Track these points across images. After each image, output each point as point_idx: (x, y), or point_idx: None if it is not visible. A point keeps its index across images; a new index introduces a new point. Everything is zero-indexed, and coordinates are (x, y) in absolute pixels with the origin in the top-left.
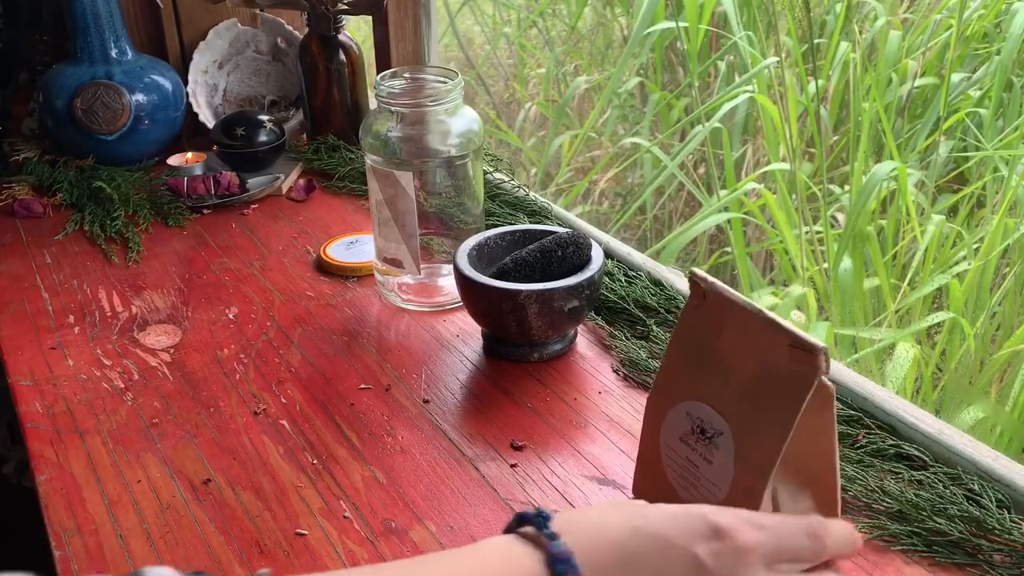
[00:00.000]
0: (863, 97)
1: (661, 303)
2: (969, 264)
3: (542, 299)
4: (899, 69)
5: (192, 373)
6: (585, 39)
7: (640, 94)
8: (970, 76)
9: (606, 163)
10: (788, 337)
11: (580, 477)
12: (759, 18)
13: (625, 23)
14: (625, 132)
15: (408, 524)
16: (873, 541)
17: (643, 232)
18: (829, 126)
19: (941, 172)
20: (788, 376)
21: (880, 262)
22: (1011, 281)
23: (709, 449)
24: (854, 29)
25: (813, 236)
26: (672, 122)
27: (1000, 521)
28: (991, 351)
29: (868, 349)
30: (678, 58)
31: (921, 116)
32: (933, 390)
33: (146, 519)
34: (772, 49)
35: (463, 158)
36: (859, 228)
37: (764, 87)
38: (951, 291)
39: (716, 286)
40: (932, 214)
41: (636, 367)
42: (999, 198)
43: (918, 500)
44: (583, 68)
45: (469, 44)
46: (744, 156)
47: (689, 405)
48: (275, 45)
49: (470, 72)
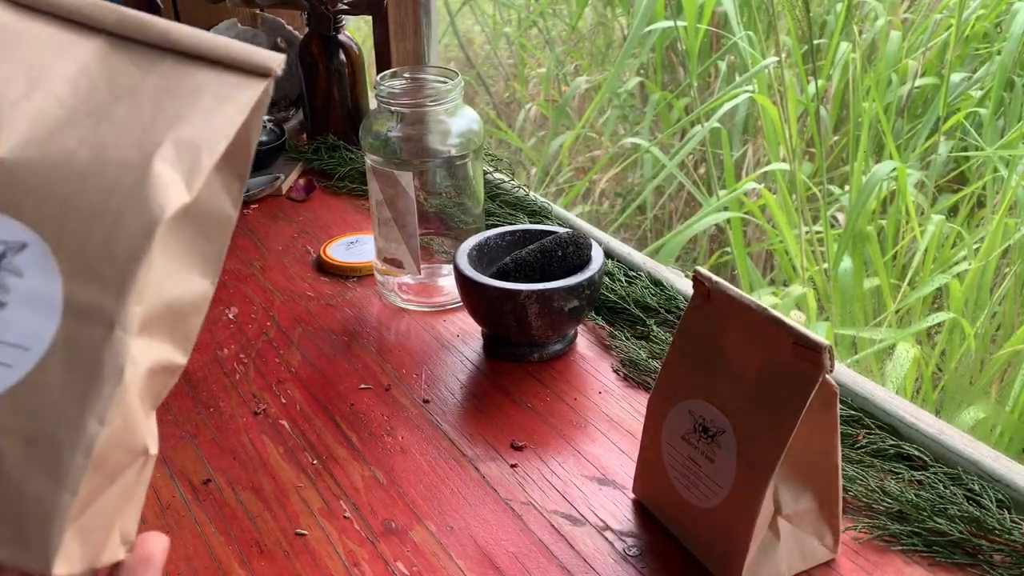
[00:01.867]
0: (863, 97)
1: (661, 303)
2: (969, 264)
3: (542, 299)
4: (899, 69)
5: (192, 373)
6: (586, 39)
7: (640, 94)
8: (970, 76)
9: (606, 163)
10: (792, 335)
11: (580, 477)
12: (759, 18)
13: (625, 23)
14: (625, 132)
15: (408, 524)
16: (873, 541)
17: (643, 232)
18: (829, 126)
19: (941, 172)
20: (792, 374)
21: (880, 262)
22: (1011, 281)
23: (711, 448)
24: (854, 29)
25: (813, 236)
26: (672, 122)
27: (1000, 521)
28: (991, 351)
29: (868, 349)
30: (678, 58)
31: (921, 116)
32: (933, 390)
33: (146, 519)
34: (772, 49)
35: (463, 158)
36: (859, 228)
37: (764, 87)
38: (951, 291)
39: (720, 285)
40: (932, 214)
41: (636, 367)
42: (999, 198)
43: (918, 500)
44: (583, 68)
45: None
46: (744, 156)
47: (691, 403)
48: (275, 45)
49: (470, 72)
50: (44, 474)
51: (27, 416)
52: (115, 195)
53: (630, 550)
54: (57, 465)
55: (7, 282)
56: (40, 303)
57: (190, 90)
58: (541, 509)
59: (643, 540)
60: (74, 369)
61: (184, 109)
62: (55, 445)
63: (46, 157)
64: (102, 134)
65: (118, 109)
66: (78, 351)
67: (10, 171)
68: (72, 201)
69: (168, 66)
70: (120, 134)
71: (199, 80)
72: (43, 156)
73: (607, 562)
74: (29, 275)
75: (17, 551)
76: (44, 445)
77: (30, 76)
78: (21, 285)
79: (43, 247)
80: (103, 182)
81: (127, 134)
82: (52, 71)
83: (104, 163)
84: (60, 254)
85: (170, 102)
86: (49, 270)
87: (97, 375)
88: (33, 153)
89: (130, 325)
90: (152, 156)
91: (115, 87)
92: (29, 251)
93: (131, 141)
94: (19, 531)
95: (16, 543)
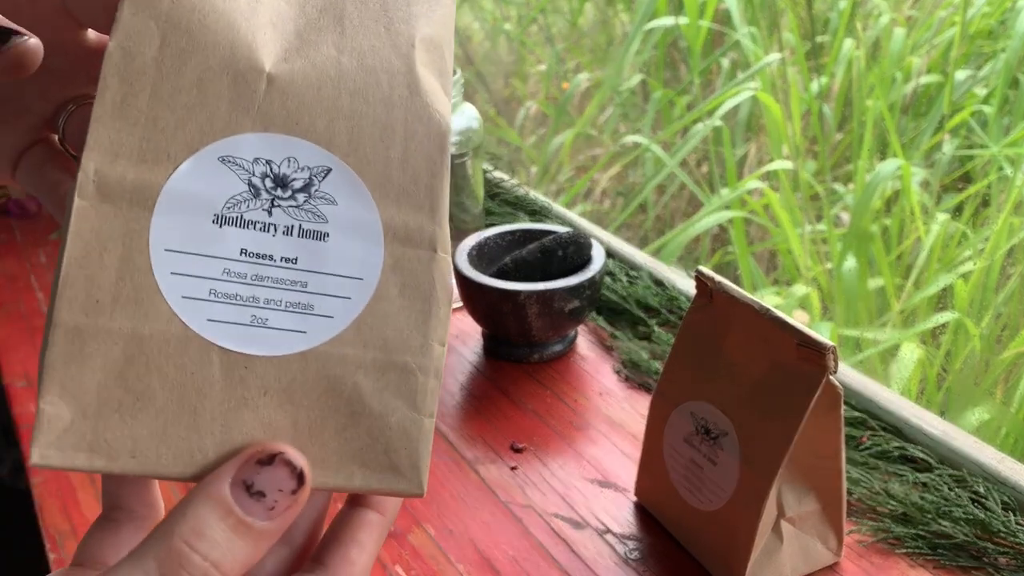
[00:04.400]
0: (867, 95)
1: (663, 303)
2: (974, 264)
3: (542, 299)
4: (903, 67)
5: None
6: (586, 36)
7: (642, 91)
8: (975, 74)
9: (607, 161)
10: (796, 336)
11: (581, 480)
12: (762, 15)
13: (627, 19)
14: (627, 130)
15: (407, 527)
16: (877, 544)
17: (644, 231)
18: (832, 124)
19: (946, 171)
20: (795, 375)
21: (884, 262)
22: (1016, 281)
23: (714, 450)
24: (857, 26)
25: (817, 235)
26: (674, 120)
27: (1005, 523)
28: (996, 352)
29: (872, 350)
30: (680, 55)
31: (926, 114)
32: (938, 391)
33: None
34: (775, 46)
35: (462, 156)
36: (863, 227)
37: (767, 85)
38: (956, 291)
39: (723, 285)
40: (937, 213)
41: (638, 368)
42: (1004, 197)
43: (923, 502)
44: (584, 65)
45: (468, 41)
46: (747, 155)
47: (694, 405)
48: None
49: (469, 69)
50: (402, 401)
51: (376, 347)
52: (396, 107)
53: (631, 553)
54: (413, 391)
55: (323, 210)
56: (362, 230)
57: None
58: (541, 512)
59: (644, 543)
60: (409, 294)
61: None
62: (407, 372)
63: (315, 68)
64: (350, 36)
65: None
66: (410, 276)
67: (285, 88)
68: (360, 117)
69: None
70: (367, 35)
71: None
72: (311, 68)
73: (608, 565)
74: (343, 201)
75: (392, 480)
76: (396, 374)
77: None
78: (337, 213)
79: (346, 169)
80: (380, 93)
81: (373, 35)
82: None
83: (371, 71)
84: (365, 176)
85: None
86: (361, 194)
87: (431, 298)
88: (299, 66)
89: (447, 245)
90: (411, 60)
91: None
92: (335, 175)
93: (382, 43)
94: (392, 461)
95: (391, 472)
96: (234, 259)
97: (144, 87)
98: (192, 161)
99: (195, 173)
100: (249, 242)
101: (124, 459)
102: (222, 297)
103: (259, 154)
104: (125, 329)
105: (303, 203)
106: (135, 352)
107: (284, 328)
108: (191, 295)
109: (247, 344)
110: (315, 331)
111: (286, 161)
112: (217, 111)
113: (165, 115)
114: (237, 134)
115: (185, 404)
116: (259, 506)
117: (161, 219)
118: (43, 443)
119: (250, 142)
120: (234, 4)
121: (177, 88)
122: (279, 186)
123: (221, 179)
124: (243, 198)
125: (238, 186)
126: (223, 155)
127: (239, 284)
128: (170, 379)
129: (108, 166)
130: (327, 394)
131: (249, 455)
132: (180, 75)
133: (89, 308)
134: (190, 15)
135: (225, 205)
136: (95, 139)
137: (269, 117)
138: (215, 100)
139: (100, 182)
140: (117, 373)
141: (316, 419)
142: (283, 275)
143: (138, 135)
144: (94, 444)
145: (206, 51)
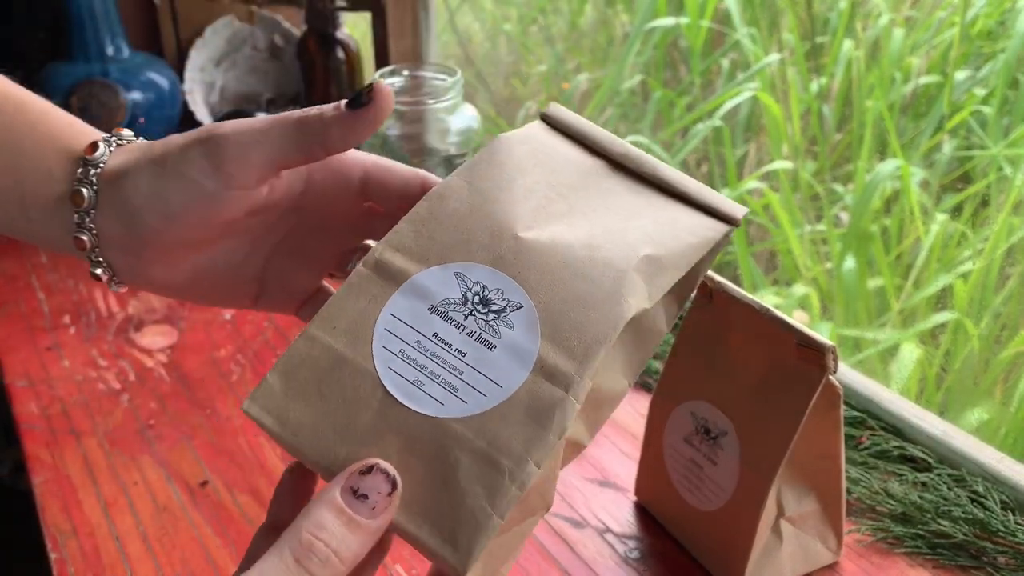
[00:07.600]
0: (867, 95)
1: None
2: (973, 264)
3: None
4: (903, 67)
5: (188, 374)
6: (586, 36)
7: (642, 92)
8: (975, 74)
9: None
10: (796, 336)
11: (581, 479)
12: (761, 15)
13: (627, 20)
14: (627, 130)
15: None
16: (877, 544)
17: None
18: (832, 124)
19: (945, 171)
20: (795, 375)
21: (884, 262)
22: (1015, 281)
23: (714, 450)
24: (857, 27)
25: (816, 235)
26: (674, 120)
27: (1005, 523)
28: (996, 352)
29: (871, 349)
30: (680, 55)
31: (925, 115)
32: (937, 391)
33: (142, 521)
34: (775, 46)
35: (462, 156)
36: (863, 227)
37: (767, 85)
38: (955, 291)
39: (723, 285)
40: (936, 213)
41: None
42: (1004, 197)
43: (922, 502)
44: (584, 66)
45: (468, 41)
46: (747, 155)
47: (693, 404)
48: (272, 42)
49: (469, 69)
50: (483, 491)
51: (486, 440)
52: (597, 286)
53: (631, 553)
54: (496, 488)
55: (501, 330)
56: (520, 354)
57: (667, 219)
58: None
59: (644, 543)
60: (530, 415)
61: (659, 234)
62: (499, 471)
63: (554, 243)
64: (594, 235)
65: (607, 218)
66: (538, 402)
67: (525, 250)
68: (565, 283)
69: (651, 194)
70: (607, 239)
71: (674, 213)
72: (551, 242)
73: (608, 565)
74: (518, 330)
75: (445, 550)
76: (490, 467)
77: (549, 181)
78: (510, 336)
79: (533, 311)
80: (591, 272)
81: (612, 242)
82: (560, 176)
83: (595, 260)
84: (544, 320)
85: (648, 225)
86: (533, 330)
87: (547, 426)
88: (545, 237)
89: (581, 396)
90: (631, 264)
91: (608, 201)
92: (522, 312)
93: (615, 247)
94: (453, 533)
95: (449, 544)
96: (426, 337)
97: (438, 217)
98: (439, 268)
99: (436, 276)
100: (442, 329)
101: (289, 434)
102: (405, 358)
103: (482, 280)
104: (338, 349)
105: (491, 320)
106: (335, 367)
107: (431, 395)
108: (388, 348)
109: (402, 395)
110: (450, 407)
111: (496, 291)
112: (472, 244)
113: (441, 236)
114: (476, 263)
115: (345, 415)
116: (364, 506)
117: (399, 296)
118: (256, 398)
119: (481, 270)
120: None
121: (456, 225)
122: (482, 304)
123: (449, 285)
124: (455, 302)
125: (456, 293)
126: (459, 271)
127: (420, 354)
128: (346, 395)
129: (389, 253)
130: (434, 456)
131: (355, 468)
132: (463, 217)
133: (327, 328)
134: (484, 183)
135: (441, 301)
136: (391, 235)
137: (503, 261)
138: (476, 236)
139: (378, 260)
140: (318, 376)
141: (418, 469)
142: (451, 360)
143: (417, 242)
144: (280, 415)
145: (484, 208)
